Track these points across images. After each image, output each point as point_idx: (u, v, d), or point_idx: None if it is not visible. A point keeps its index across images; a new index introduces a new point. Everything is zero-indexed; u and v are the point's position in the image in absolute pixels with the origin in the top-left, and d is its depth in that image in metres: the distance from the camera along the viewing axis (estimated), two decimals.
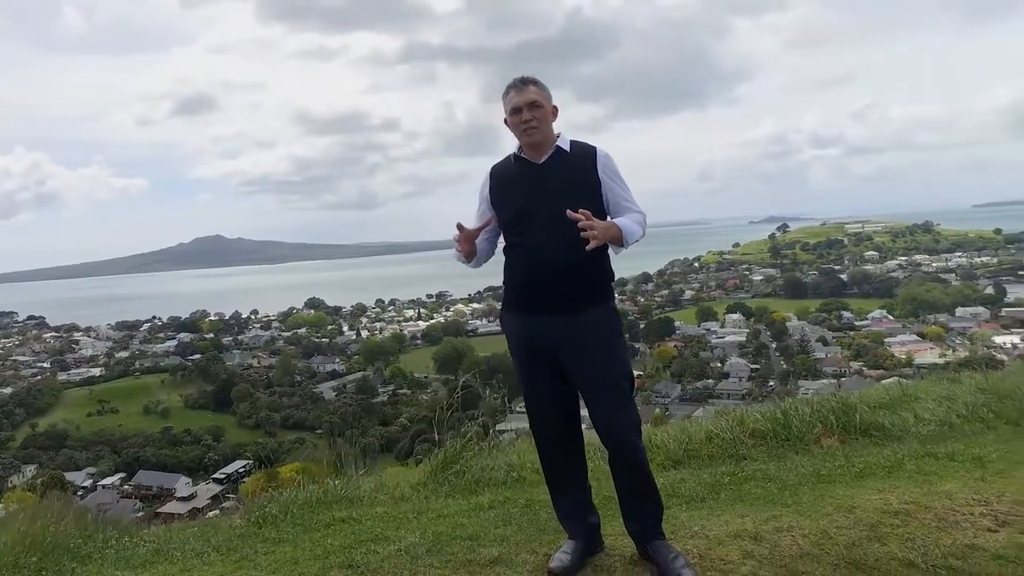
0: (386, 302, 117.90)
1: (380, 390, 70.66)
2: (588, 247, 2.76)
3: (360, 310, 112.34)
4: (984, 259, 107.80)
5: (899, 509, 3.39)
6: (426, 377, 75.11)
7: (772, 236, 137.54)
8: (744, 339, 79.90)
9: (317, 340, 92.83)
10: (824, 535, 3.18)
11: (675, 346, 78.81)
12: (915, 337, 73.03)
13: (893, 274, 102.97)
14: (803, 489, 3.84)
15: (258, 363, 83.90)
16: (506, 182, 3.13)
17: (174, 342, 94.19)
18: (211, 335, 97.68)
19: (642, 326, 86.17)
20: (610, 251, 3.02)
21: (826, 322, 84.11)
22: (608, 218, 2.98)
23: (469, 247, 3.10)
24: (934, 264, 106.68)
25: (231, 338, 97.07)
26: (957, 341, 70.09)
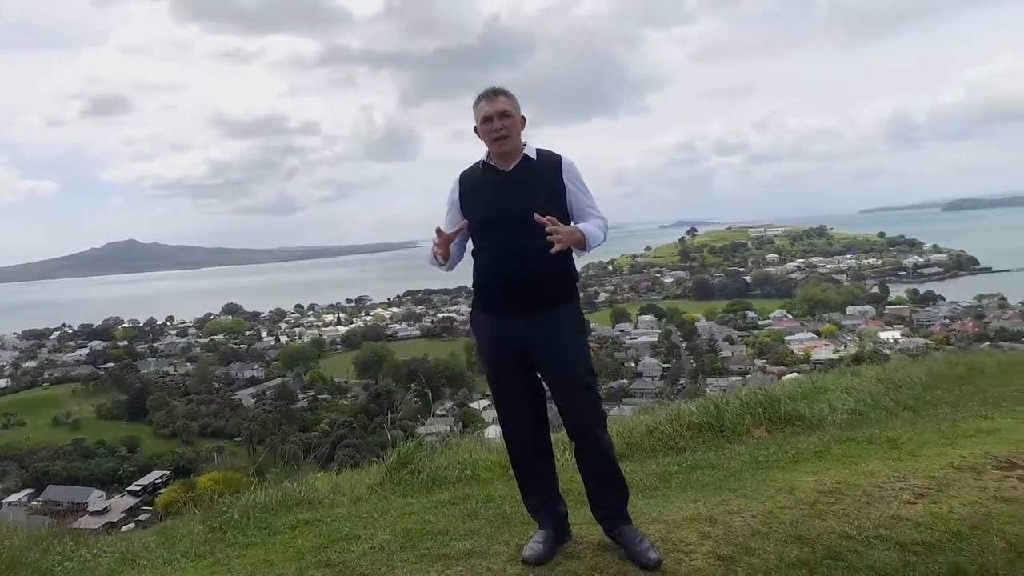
0: (305, 307, 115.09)
1: (300, 396, 68.99)
2: (553, 250, 2.87)
3: (279, 315, 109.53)
4: (870, 261, 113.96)
5: (832, 488, 3.69)
6: (346, 382, 73.97)
7: (682, 240, 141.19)
8: (656, 339, 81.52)
9: (235, 346, 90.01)
10: (770, 515, 3.43)
11: (591, 347, 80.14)
12: (812, 335, 75.92)
13: (792, 275, 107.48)
14: (745, 475, 4.11)
15: (174, 371, 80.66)
16: (474, 189, 3.21)
17: (85, 350, 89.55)
18: (125, 343, 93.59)
19: None
20: (574, 254, 3.12)
21: (732, 322, 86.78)
22: (572, 223, 3.08)
23: (446, 250, 3.17)
24: (828, 266, 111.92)
25: (146, 345, 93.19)
26: (848, 338, 73.48)
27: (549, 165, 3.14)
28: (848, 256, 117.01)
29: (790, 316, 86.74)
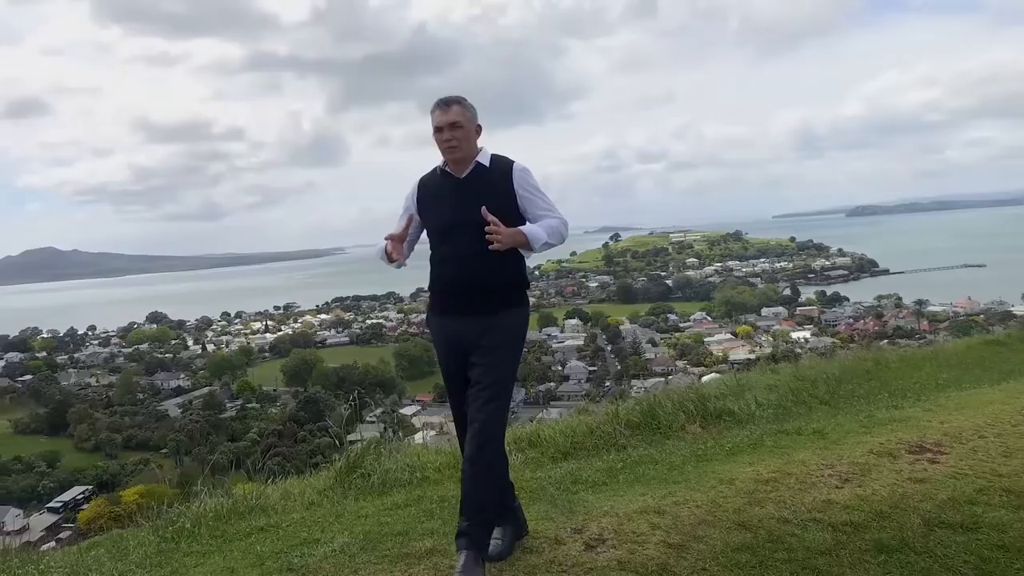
0: (232, 315, 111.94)
1: (228, 405, 67.01)
2: (491, 247, 2.98)
3: (205, 323, 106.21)
4: (782, 264, 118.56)
5: (768, 478, 3.89)
6: (275, 390, 72.21)
7: (606, 245, 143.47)
8: (582, 343, 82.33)
9: (160, 356, 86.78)
10: (714, 504, 3.60)
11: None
12: (730, 336, 78.38)
13: (710, 279, 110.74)
14: (687, 468, 4.28)
15: (97, 382, 77.17)
16: (431, 195, 3.27)
17: (1, 363, 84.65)
18: (44, 354, 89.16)
19: None
20: (527, 260, 3.22)
21: (654, 325, 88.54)
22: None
23: (401, 251, 3.24)
24: (743, 269, 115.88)
25: (66, 356, 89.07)
26: (763, 338, 76.06)
27: (500, 172, 3.20)
28: (762, 260, 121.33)
29: (709, 318, 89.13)
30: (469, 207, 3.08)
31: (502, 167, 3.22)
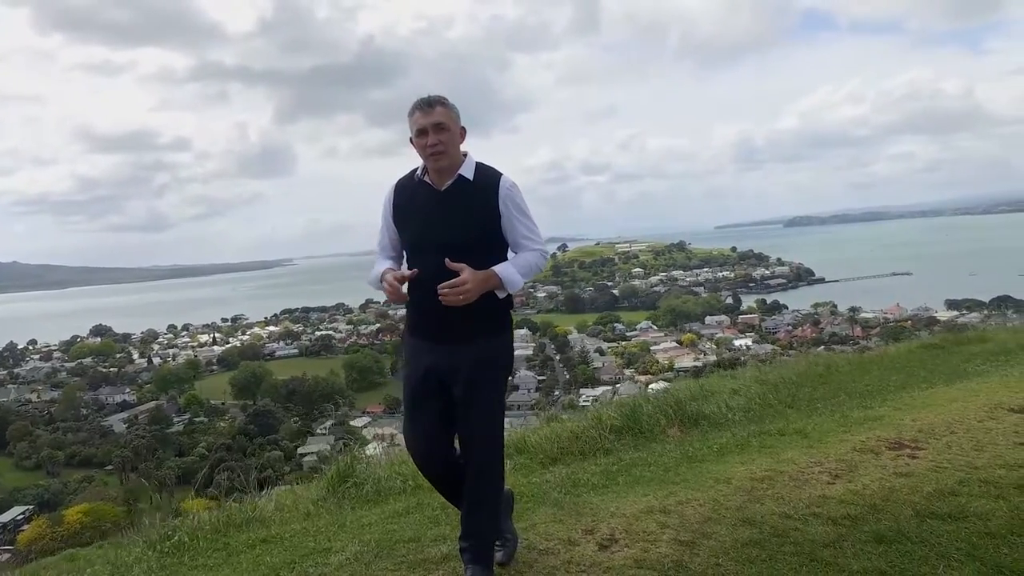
0: (179, 327, 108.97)
1: (175, 419, 65.20)
2: (451, 303, 2.70)
3: (151, 336, 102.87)
4: (724, 273, 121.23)
5: (762, 476, 4.03)
6: (223, 403, 70.62)
7: (553, 255, 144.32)
8: (531, 353, 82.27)
9: (104, 370, 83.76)
10: (716, 502, 3.72)
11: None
12: (675, 344, 79.59)
13: (656, 288, 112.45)
14: (682, 469, 4.40)
15: (38, 397, 74.16)
16: (406, 204, 2.96)
17: None
18: None
19: None
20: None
21: (602, 334, 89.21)
22: (508, 250, 2.93)
23: (403, 296, 2.90)
24: (687, 279, 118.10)
25: (5, 372, 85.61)
26: (707, 346, 77.55)
27: (485, 187, 2.87)
28: (705, 269, 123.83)
29: (655, 327, 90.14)
30: (444, 226, 2.83)
31: (487, 181, 2.89)
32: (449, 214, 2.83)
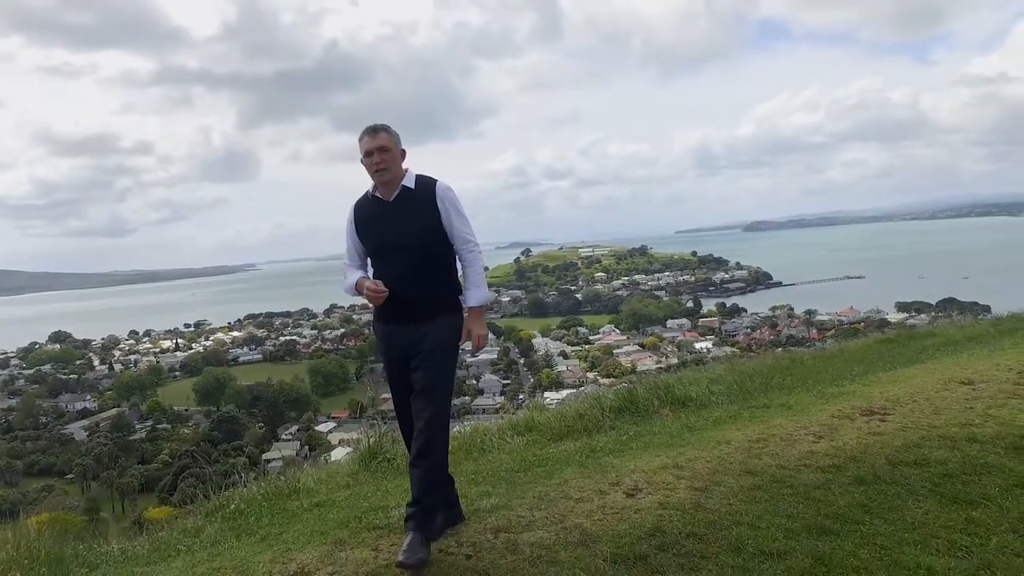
0: (141, 333, 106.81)
1: (138, 426, 64.08)
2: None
3: (112, 342, 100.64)
4: (685, 277, 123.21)
5: (757, 438, 4.70)
6: (186, 410, 69.73)
7: (517, 260, 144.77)
8: (496, 357, 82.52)
9: (64, 377, 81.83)
10: (720, 459, 4.36)
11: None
12: (637, 347, 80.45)
13: (618, 292, 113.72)
14: (685, 435, 5.04)
15: None
16: (365, 219, 3.57)
17: None
18: None
19: None
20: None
21: (565, 338, 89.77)
22: (455, 248, 3.52)
23: (383, 298, 3.44)
24: (649, 283, 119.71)
25: None
26: (669, 349, 78.82)
27: (424, 193, 3.49)
28: (666, 273, 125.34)
29: (617, 330, 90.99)
30: (398, 230, 3.44)
31: (426, 188, 3.50)
32: (399, 220, 3.45)
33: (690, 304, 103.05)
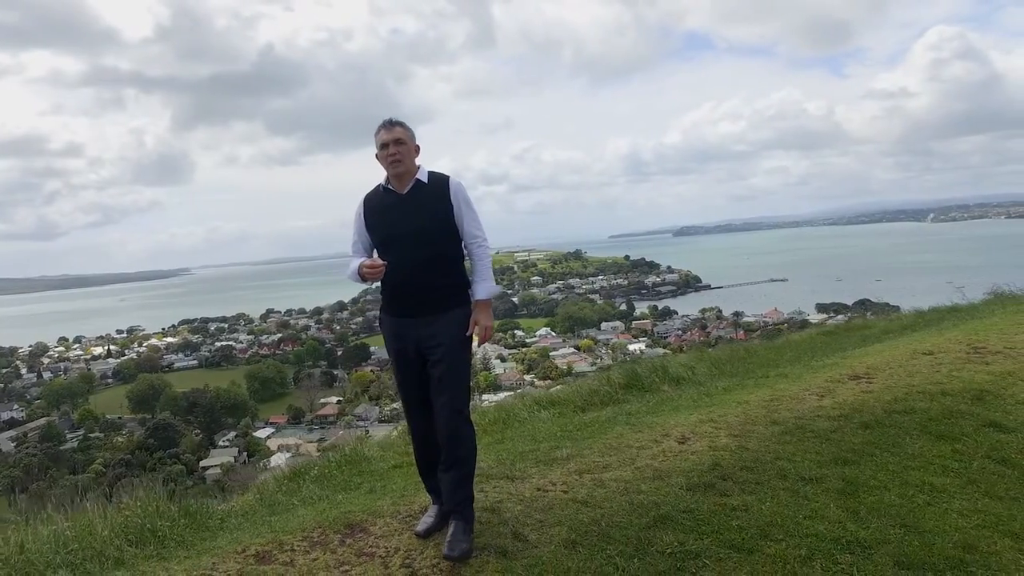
0: (71, 339, 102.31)
1: (69, 436, 61.60)
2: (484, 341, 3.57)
3: (41, 349, 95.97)
4: (619, 281, 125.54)
5: (770, 399, 5.57)
6: (120, 418, 67.31)
7: None
8: None
9: None
10: (746, 414, 5.20)
11: (372, 370, 78.13)
12: (573, 349, 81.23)
13: (554, 296, 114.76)
14: (704, 399, 5.88)
15: None
16: (375, 210, 3.57)
17: None
18: None
19: (339, 352, 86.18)
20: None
21: (502, 341, 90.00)
22: (462, 243, 3.54)
23: (380, 274, 3.45)
24: (584, 287, 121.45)
25: None
26: (603, 351, 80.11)
27: (438, 186, 3.52)
28: (600, 277, 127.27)
29: (553, 333, 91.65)
30: (410, 220, 3.45)
31: (440, 182, 3.54)
32: (412, 211, 3.48)
33: (623, 307, 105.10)
